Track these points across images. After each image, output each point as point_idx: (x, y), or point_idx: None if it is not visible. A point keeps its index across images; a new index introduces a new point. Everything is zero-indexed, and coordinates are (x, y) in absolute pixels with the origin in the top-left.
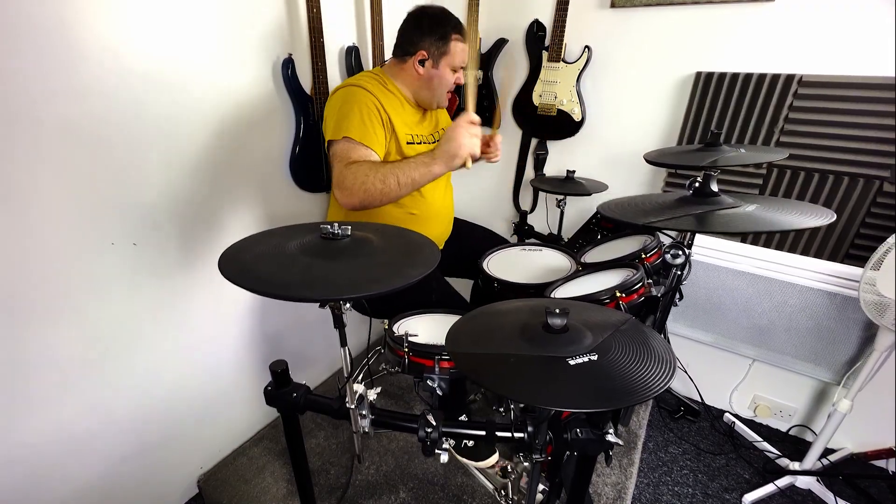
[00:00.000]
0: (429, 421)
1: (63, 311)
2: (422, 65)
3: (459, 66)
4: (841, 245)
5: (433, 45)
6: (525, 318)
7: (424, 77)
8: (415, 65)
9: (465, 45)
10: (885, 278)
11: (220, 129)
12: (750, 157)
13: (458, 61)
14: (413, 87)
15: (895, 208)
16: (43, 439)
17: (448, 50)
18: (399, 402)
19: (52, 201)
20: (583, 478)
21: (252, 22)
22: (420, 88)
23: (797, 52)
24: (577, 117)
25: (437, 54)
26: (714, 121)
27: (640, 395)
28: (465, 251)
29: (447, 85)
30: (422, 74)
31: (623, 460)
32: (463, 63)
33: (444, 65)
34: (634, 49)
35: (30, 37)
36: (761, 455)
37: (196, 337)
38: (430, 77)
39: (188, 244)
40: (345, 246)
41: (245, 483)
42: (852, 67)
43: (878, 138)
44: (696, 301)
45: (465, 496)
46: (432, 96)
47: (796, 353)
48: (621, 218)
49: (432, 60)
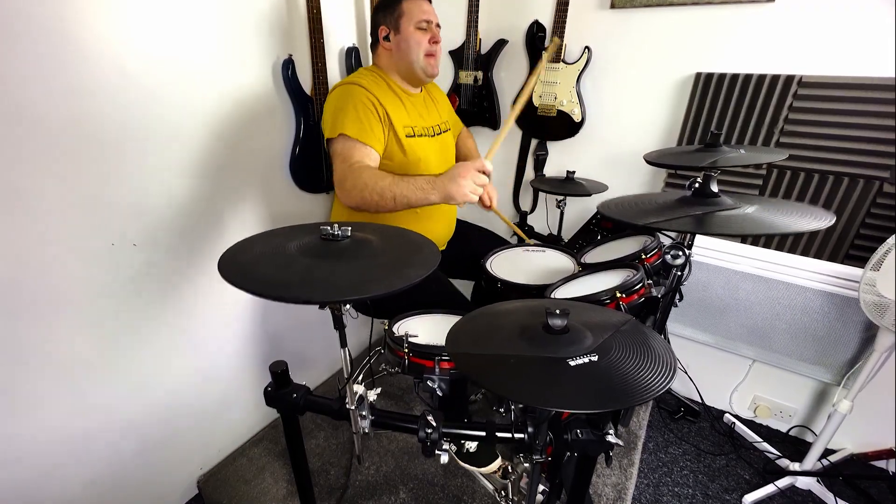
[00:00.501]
0: (429, 422)
1: (63, 311)
2: (387, 40)
3: (425, 21)
4: (841, 245)
5: (387, 16)
6: (525, 319)
7: (394, 49)
8: (383, 44)
9: (419, 1)
10: (885, 279)
11: (221, 129)
12: (750, 158)
13: (416, 17)
14: (393, 65)
15: (895, 209)
16: (43, 439)
17: (402, 11)
18: (399, 402)
19: (53, 202)
20: (583, 478)
21: (252, 22)
22: (397, 62)
23: (797, 52)
24: (577, 118)
25: (393, 22)
26: (714, 121)
27: (641, 396)
28: (467, 252)
29: (418, 43)
30: (391, 48)
31: (623, 461)
32: (424, 15)
33: (404, 26)
34: (634, 50)
35: (30, 37)
36: (761, 456)
37: (196, 337)
38: (398, 44)
39: (188, 245)
40: (345, 247)
41: (245, 483)
42: (852, 68)
43: (878, 139)
44: (696, 302)
45: (464, 497)
46: (409, 63)
47: (796, 353)
48: (621, 218)
49: (392, 30)
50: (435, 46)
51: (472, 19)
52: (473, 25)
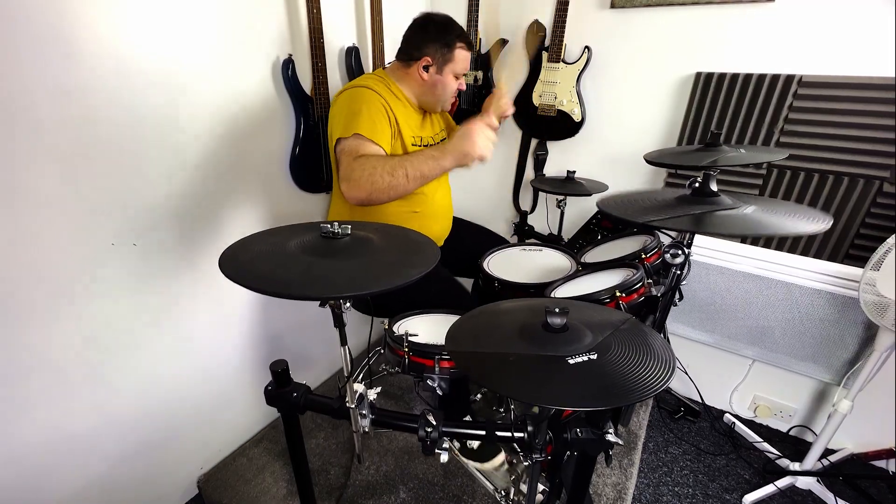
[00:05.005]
0: (429, 421)
1: (63, 311)
2: (426, 70)
3: (461, 73)
4: (841, 245)
5: (438, 51)
6: (525, 318)
7: (428, 83)
8: (419, 70)
9: (467, 54)
10: (885, 279)
11: (220, 129)
12: (750, 158)
13: (460, 68)
14: (416, 91)
15: (895, 208)
16: (43, 439)
17: (452, 57)
18: (399, 402)
19: (53, 202)
20: (583, 478)
21: (252, 22)
22: (424, 93)
23: (797, 52)
24: (577, 118)
25: (441, 61)
26: (714, 121)
27: (640, 394)
28: (464, 250)
29: (451, 90)
30: (426, 80)
31: (623, 460)
32: (465, 70)
33: (447, 71)
34: (634, 49)
35: (30, 37)
36: (761, 455)
37: (196, 337)
38: (434, 83)
39: (188, 244)
40: (345, 245)
41: (245, 483)
42: (852, 67)
43: (878, 138)
44: (696, 301)
45: (464, 496)
46: (436, 101)
47: (796, 353)
48: (620, 215)
49: (436, 66)
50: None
51: (472, 19)
52: (473, 25)
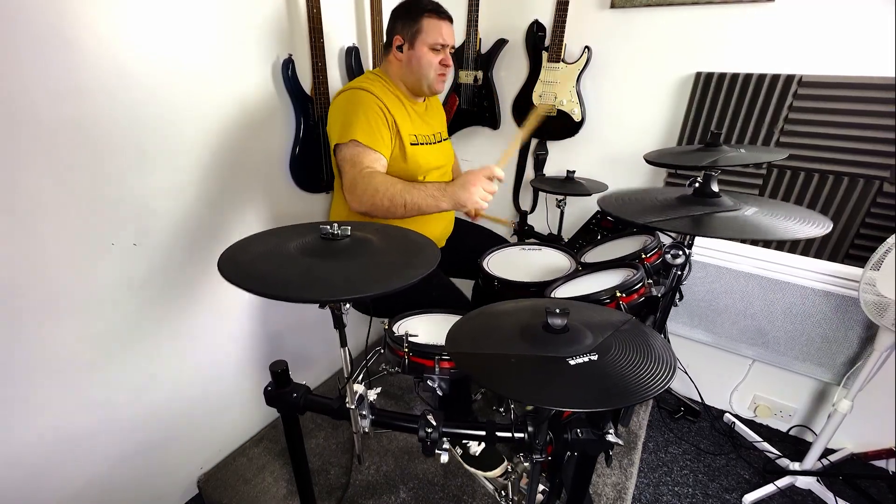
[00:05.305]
0: (429, 421)
1: (63, 311)
2: (400, 50)
3: (440, 44)
4: (841, 245)
5: (405, 27)
6: (525, 319)
7: (405, 61)
8: (395, 53)
9: (438, 22)
10: (885, 278)
11: (220, 129)
12: (750, 158)
13: (432, 38)
14: (401, 76)
15: (895, 208)
16: (43, 439)
17: (420, 28)
18: (399, 402)
19: (53, 202)
20: (583, 478)
21: (252, 22)
22: (406, 75)
23: (797, 52)
24: (577, 117)
25: (409, 35)
26: (714, 121)
27: (640, 395)
28: (465, 251)
29: (429, 64)
30: (402, 59)
31: (623, 460)
32: (441, 40)
33: (419, 44)
34: (634, 49)
35: (30, 37)
36: (761, 455)
37: (196, 337)
38: (409, 59)
39: (188, 245)
40: (345, 246)
41: (245, 483)
42: (852, 67)
43: (878, 138)
44: (696, 301)
45: (465, 496)
46: (420, 79)
47: (796, 353)
48: (620, 214)
49: (407, 43)
50: (445, 68)
51: (472, 19)
52: (473, 25)
